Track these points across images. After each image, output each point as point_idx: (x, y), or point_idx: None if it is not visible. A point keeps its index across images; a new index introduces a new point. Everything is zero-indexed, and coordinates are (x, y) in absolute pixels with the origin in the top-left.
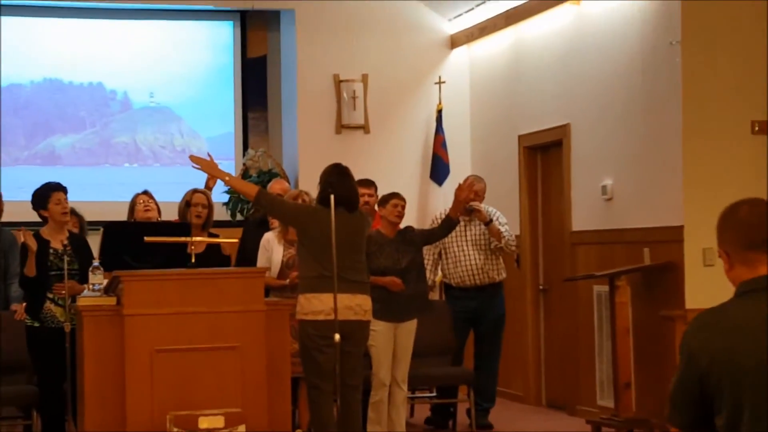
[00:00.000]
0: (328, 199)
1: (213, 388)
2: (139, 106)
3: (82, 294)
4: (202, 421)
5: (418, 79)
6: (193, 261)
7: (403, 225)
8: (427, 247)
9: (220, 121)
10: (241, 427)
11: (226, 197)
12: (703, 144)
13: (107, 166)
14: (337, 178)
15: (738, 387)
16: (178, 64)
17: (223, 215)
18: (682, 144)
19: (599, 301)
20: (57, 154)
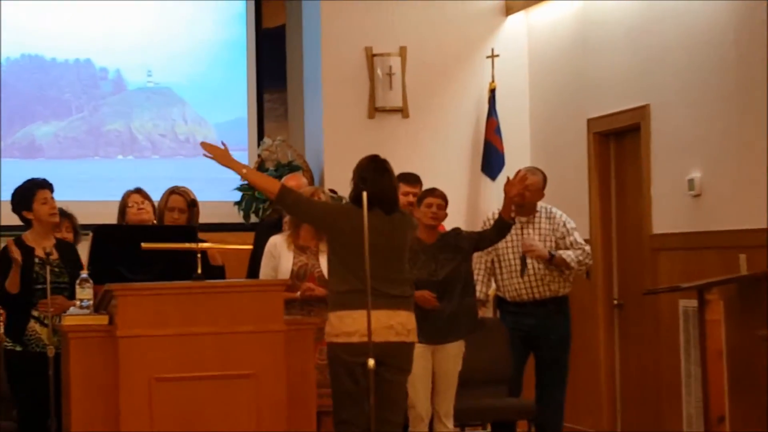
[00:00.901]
0: (361, 198)
1: (223, 423)
2: (135, 86)
3: (67, 312)
4: None
5: (466, 53)
6: (199, 272)
7: (451, 227)
8: (479, 254)
9: (231, 105)
10: None
11: (238, 195)
12: None
13: (97, 159)
14: (372, 174)
15: None
16: (181, 37)
17: (234, 217)
18: None
19: (686, 318)
20: (38, 145)
